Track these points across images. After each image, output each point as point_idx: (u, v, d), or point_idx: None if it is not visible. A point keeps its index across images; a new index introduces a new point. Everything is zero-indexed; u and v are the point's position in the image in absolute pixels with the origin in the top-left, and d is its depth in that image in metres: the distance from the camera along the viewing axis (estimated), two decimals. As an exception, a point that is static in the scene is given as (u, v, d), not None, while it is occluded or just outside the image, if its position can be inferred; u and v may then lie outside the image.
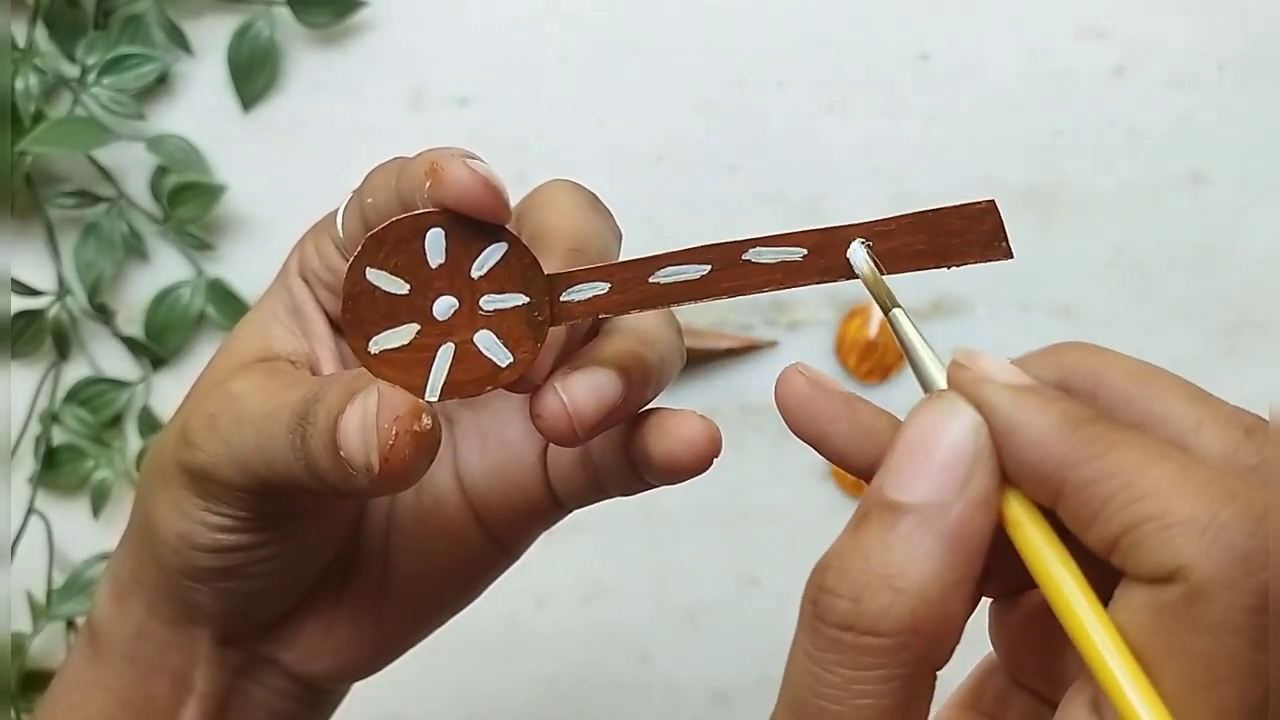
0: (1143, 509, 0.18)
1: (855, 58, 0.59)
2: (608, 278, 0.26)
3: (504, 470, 0.31)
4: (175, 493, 0.28)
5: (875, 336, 0.59)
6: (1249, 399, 0.63)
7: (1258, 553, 0.18)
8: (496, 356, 0.25)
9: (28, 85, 0.57)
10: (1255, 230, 0.59)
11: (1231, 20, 0.58)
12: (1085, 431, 0.19)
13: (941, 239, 0.25)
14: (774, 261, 0.25)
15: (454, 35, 0.60)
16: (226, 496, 0.27)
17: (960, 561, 0.20)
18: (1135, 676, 0.18)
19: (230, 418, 0.27)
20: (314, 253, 0.30)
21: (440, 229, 0.26)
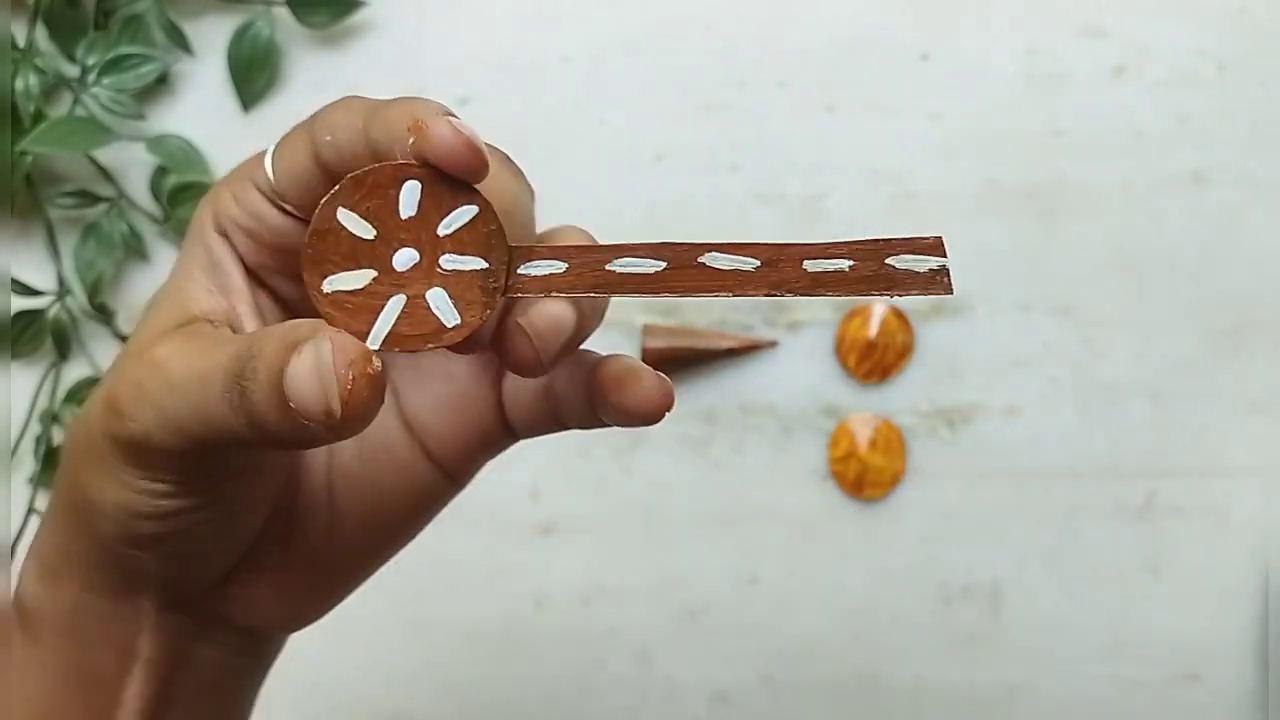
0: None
1: (855, 58, 0.59)
2: (566, 258, 0.26)
3: (454, 404, 0.32)
4: (108, 464, 0.28)
5: (875, 336, 0.59)
6: (1249, 399, 0.63)
7: None
8: (444, 316, 0.26)
9: (28, 85, 0.57)
10: (1255, 230, 0.59)
11: (1231, 20, 0.58)
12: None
13: (888, 268, 0.26)
14: (728, 268, 0.26)
15: (454, 35, 0.60)
16: (163, 463, 0.27)
17: None
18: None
19: (159, 384, 0.27)
20: (231, 201, 0.30)
21: (418, 182, 0.26)
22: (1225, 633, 0.59)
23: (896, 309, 0.59)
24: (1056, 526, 0.60)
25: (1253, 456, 0.59)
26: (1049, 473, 0.59)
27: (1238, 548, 0.59)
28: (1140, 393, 0.59)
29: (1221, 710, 0.60)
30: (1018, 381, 0.60)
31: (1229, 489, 0.59)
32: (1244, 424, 0.59)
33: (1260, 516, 0.59)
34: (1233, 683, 0.60)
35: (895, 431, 0.59)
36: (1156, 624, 0.60)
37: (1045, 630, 0.60)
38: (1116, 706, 0.60)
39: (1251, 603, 0.59)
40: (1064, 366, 0.59)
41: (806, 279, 0.26)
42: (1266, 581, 0.59)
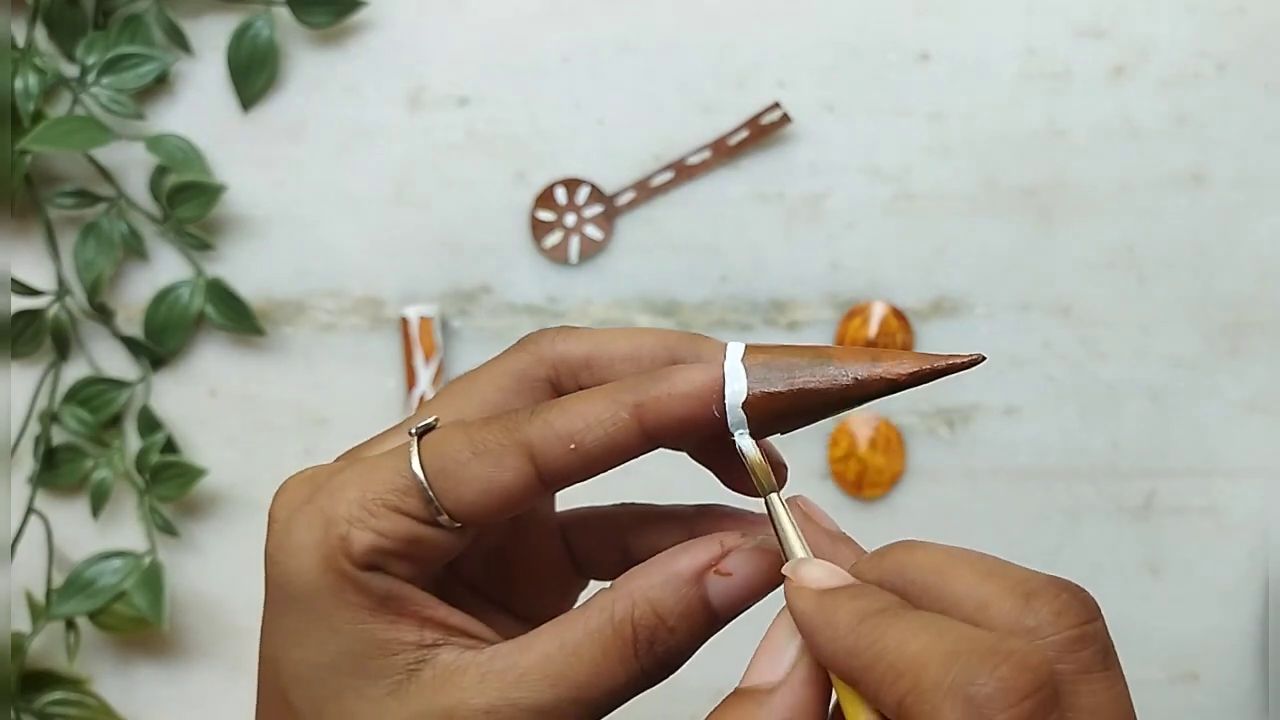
0: (903, 685, 0.21)
1: (855, 58, 0.59)
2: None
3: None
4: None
5: (875, 336, 0.59)
6: (1249, 399, 0.63)
7: (994, 698, 0.20)
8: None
9: (28, 85, 0.57)
10: (1255, 230, 0.59)
11: (1231, 20, 0.58)
12: (866, 624, 0.23)
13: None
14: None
15: (454, 35, 0.60)
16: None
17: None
18: None
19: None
20: (375, 535, 0.28)
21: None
22: (1225, 633, 0.59)
23: (896, 309, 0.59)
24: (1056, 526, 0.60)
25: (1253, 456, 0.59)
26: (1049, 473, 0.59)
27: (1238, 548, 0.59)
28: (1140, 393, 0.59)
29: (1221, 710, 0.59)
30: (1017, 381, 0.60)
31: (1229, 489, 0.59)
32: (1244, 424, 0.59)
33: (1260, 516, 0.59)
34: (1233, 683, 0.60)
35: (895, 431, 0.59)
36: (1156, 624, 0.60)
37: (1045, 630, 0.59)
38: (1116, 706, 0.60)
39: (1251, 603, 0.59)
40: (1064, 366, 0.59)
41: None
42: (1266, 581, 0.59)
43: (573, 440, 0.26)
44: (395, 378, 0.60)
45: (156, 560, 0.59)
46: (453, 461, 0.26)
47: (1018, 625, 0.23)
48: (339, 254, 0.61)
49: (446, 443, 0.27)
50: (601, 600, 0.27)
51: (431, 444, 0.27)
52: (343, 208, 0.61)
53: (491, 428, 0.26)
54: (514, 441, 0.26)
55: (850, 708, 0.24)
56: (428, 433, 0.27)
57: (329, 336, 0.61)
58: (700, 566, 0.27)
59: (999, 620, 0.23)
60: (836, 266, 0.59)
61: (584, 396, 0.27)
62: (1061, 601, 0.23)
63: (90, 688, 0.60)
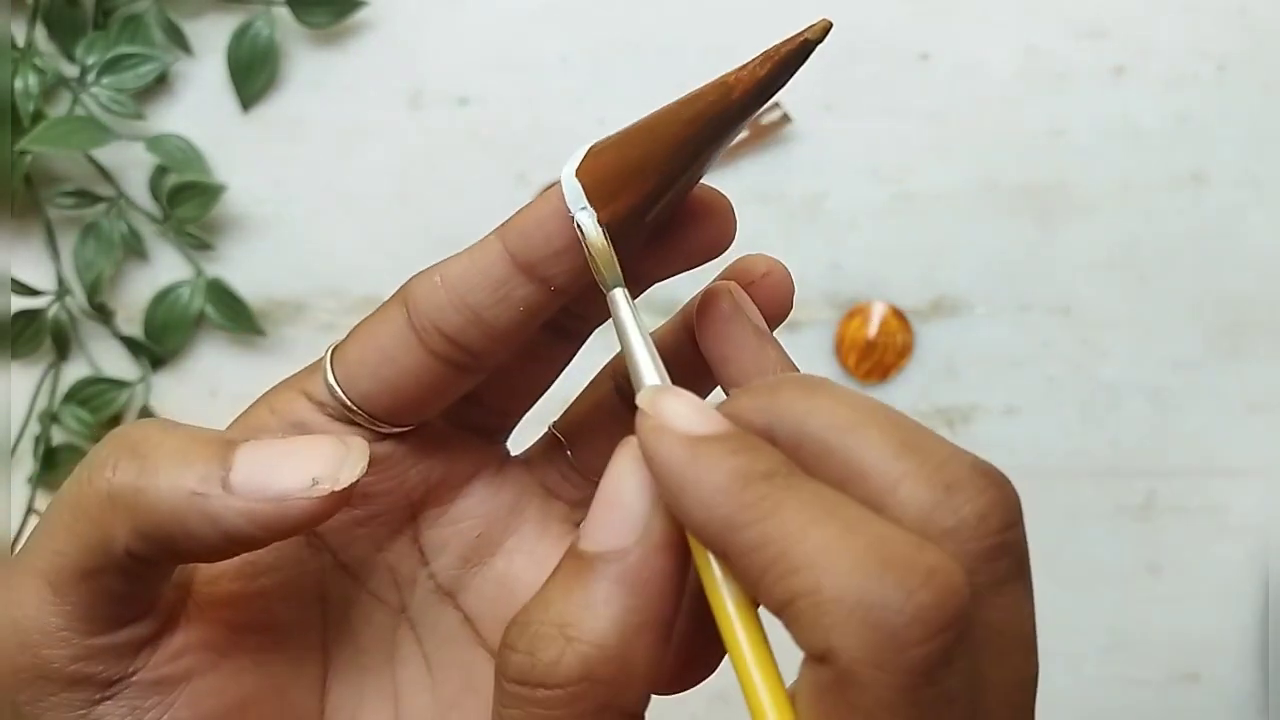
0: (798, 582, 0.17)
1: (855, 58, 0.59)
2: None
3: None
4: None
5: (875, 336, 0.59)
6: (1249, 399, 0.63)
7: (908, 628, 0.17)
8: None
9: (27, 85, 0.57)
10: (1255, 230, 0.59)
11: (1231, 20, 0.58)
12: (752, 490, 0.18)
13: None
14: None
15: (454, 35, 0.60)
16: None
17: (641, 605, 0.19)
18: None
19: None
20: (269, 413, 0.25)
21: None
22: (1225, 633, 0.59)
23: (896, 309, 0.59)
24: (1056, 526, 0.60)
25: (1253, 456, 0.59)
26: (1049, 473, 0.59)
27: (1238, 548, 0.59)
28: (1140, 393, 0.59)
29: (1221, 710, 0.59)
30: (1017, 381, 0.60)
31: (1229, 489, 0.59)
32: (1244, 424, 0.59)
33: (1260, 516, 0.59)
34: (1233, 683, 0.60)
35: (895, 431, 0.59)
36: (1156, 624, 0.60)
37: (1045, 630, 0.59)
38: (1116, 706, 0.60)
39: (1251, 603, 0.59)
40: (1063, 366, 0.59)
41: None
42: (1266, 581, 0.59)
43: (438, 274, 0.24)
44: (395, 378, 0.60)
45: (156, 560, 0.59)
46: (350, 352, 0.24)
47: (932, 523, 0.18)
48: (339, 254, 0.61)
49: (346, 344, 0.25)
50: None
51: (338, 351, 0.25)
52: (343, 208, 0.61)
53: (381, 307, 0.25)
54: (395, 299, 0.24)
55: (713, 590, 0.19)
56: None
57: (329, 336, 0.61)
58: None
59: (911, 510, 0.18)
60: (836, 266, 0.59)
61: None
62: (986, 500, 0.19)
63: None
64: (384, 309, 0.24)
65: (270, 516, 0.21)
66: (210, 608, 0.24)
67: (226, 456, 0.21)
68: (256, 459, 0.21)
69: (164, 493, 0.21)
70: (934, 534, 0.18)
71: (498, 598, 0.27)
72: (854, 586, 0.17)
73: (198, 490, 0.21)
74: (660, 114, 0.23)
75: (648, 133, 0.23)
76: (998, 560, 0.19)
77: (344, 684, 0.26)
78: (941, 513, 0.19)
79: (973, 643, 0.18)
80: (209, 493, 0.21)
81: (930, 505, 0.19)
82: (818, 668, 0.18)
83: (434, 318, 0.23)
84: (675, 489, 0.19)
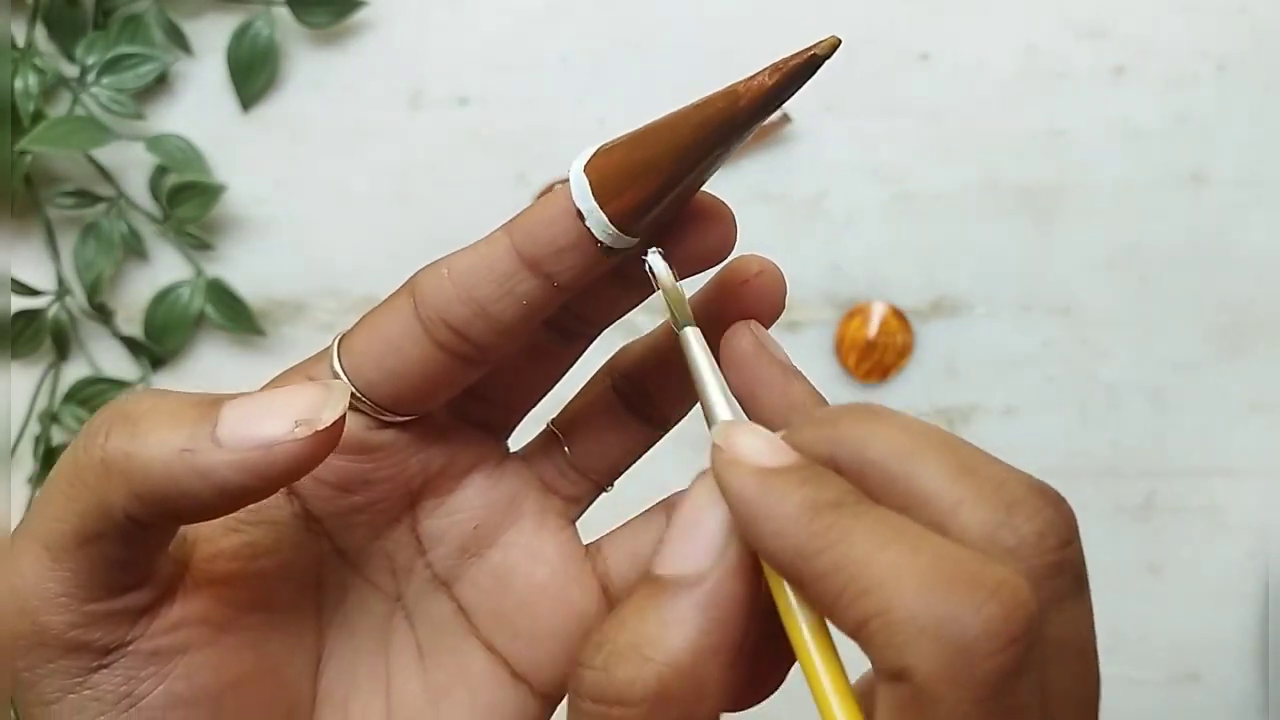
0: (868, 605, 0.18)
1: (855, 58, 0.59)
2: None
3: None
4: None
5: (875, 336, 0.59)
6: (1249, 399, 0.63)
7: (978, 642, 0.17)
8: None
9: (27, 85, 0.57)
10: (1255, 230, 0.59)
11: (1231, 20, 0.58)
12: (822, 519, 0.19)
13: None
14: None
15: (454, 35, 0.60)
16: None
17: (715, 629, 0.20)
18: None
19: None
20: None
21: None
22: (1225, 633, 0.59)
23: (896, 309, 0.59)
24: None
25: (1253, 456, 0.59)
26: (1048, 473, 0.59)
27: (1238, 548, 0.59)
28: (1140, 393, 0.59)
29: (1221, 710, 0.59)
30: (1017, 381, 0.60)
31: (1229, 489, 0.59)
32: (1244, 424, 0.59)
33: (1260, 516, 0.59)
34: (1233, 683, 0.60)
35: (895, 431, 0.59)
36: (1156, 624, 0.60)
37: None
38: (1116, 706, 0.60)
39: (1251, 603, 0.59)
40: (1063, 366, 0.59)
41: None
42: (1266, 581, 0.59)
43: (445, 266, 0.24)
44: (395, 378, 0.60)
45: (156, 560, 0.59)
46: (357, 342, 0.25)
47: (994, 542, 0.19)
48: (339, 254, 0.61)
49: (353, 334, 0.26)
50: None
51: (344, 341, 0.26)
52: (343, 208, 0.61)
53: (388, 298, 0.25)
54: (403, 291, 0.25)
55: (789, 614, 0.20)
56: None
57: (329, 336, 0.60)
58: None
59: (973, 531, 0.19)
60: (836, 266, 0.59)
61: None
62: (1044, 519, 0.20)
63: (90, 688, 0.60)
64: (391, 300, 0.25)
65: (259, 464, 0.21)
66: (209, 585, 0.25)
67: (212, 414, 0.22)
68: (241, 411, 0.22)
69: (155, 453, 0.21)
70: (997, 553, 0.19)
71: (492, 589, 0.27)
72: (923, 604, 0.18)
73: (186, 447, 0.21)
74: (669, 118, 0.24)
75: (655, 135, 0.23)
76: (1059, 576, 0.19)
77: (337, 667, 0.27)
78: (1003, 532, 0.19)
79: (1041, 656, 0.19)
80: (197, 448, 0.21)
81: (992, 525, 0.19)
82: (894, 686, 0.18)
83: (440, 310, 0.24)
84: (749, 519, 0.20)
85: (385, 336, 0.25)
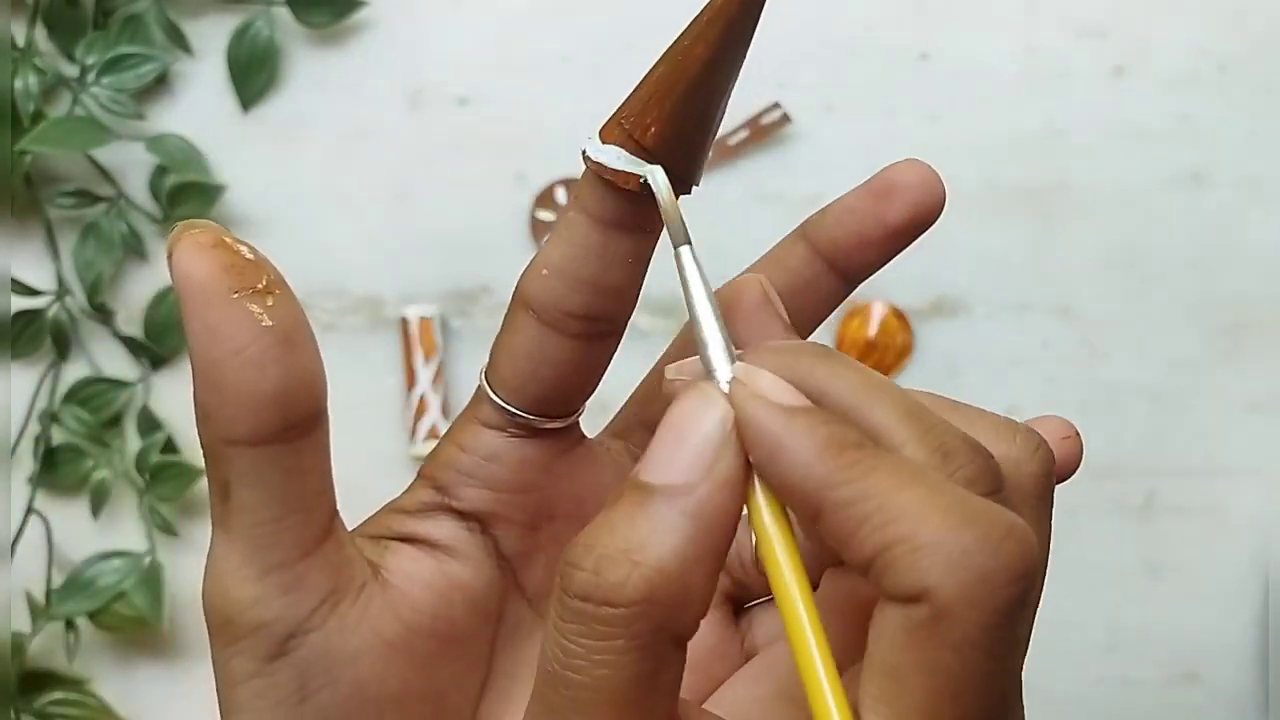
0: (894, 531, 0.20)
1: (855, 58, 0.59)
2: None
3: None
4: None
5: (875, 336, 0.59)
6: (1249, 399, 0.63)
7: (997, 572, 0.19)
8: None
9: (27, 85, 0.57)
10: (1255, 230, 0.59)
11: (1231, 20, 0.58)
12: (847, 455, 0.20)
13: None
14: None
15: (454, 35, 0.60)
16: None
17: (702, 538, 0.21)
18: (828, 666, 0.20)
19: None
20: (457, 451, 0.27)
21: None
22: (1225, 633, 0.59)
23: (896, 309, 0.59)
24: (1056, 526, 0.60)
25: (1253, 456, 0.59)
26: (1049, 473, 0.59)
27: (1238, 548, 0.59)
28: (1140, 393, 0.59)
29: (1221, 710, 0.59)
30: (1017, 381, 0.60)
31: (1229, 489, 0.59)
32: (1244, 424, 0.59)
33: (1260, 516, 0.59)
34: (1233, 683, 0.60)
35: (895, 431, 0.59)
36: (1156, 624, 0.60)
37: (1045, 630, 0.59)
38: (1116, 706, 0.60)
39: (1251, 603, 0.59)
40: (1064, 366, 0.59)
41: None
42: (1266, 581, 0.59)
43: (543, 268, 0.25)
44: (395, 377, 0.60)
45: (156, 560, 0.59)
46: (503, 371, 0.26)
47: None
48: (339, 254, 0.61)
49: (494, 367, 0.26)
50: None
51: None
52: (343, 208, 0.61)
53: (505, 320, 0.26)
54: (515, 307, 0.26)
55: (765, 539, 0.21)
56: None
57: (329, 336, 0.61)
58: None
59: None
60: (836, 266, 0.59)
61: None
62: (975, 468, 0.21)
63: (90, 688, 0.60)
64: (509, 320, 0.26)
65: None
66: (396, 602, 0.25)
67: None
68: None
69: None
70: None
71: None
72: (951, 533, 0.19)
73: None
74: (667, 54, 0.26)
75: (660, 61, 0.25)
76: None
77: (499, 693, 0.27)
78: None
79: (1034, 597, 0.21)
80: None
81: (930, 468, 0.21)
82: (910, 608, 0.19)
83: (560, 306, 0.25)
84: (772, 448, 0.21)
85: (525, 354, 0.25)
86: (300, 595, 0.24)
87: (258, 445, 0.23)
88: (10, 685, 0.58)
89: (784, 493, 0.21)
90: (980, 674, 0.20)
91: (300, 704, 0.24)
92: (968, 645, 0.19)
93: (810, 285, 0.30)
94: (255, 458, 0.23)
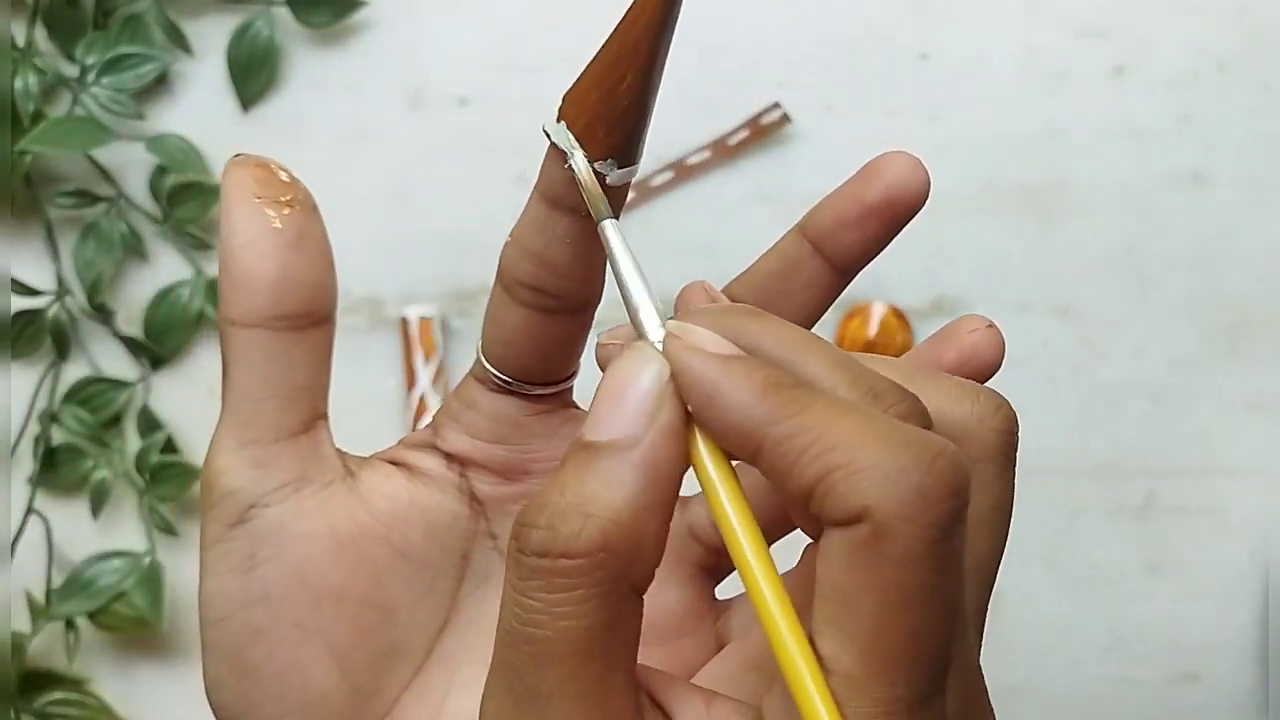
0: (833, 458, 0.20)
1: (855, 58, 0.59)
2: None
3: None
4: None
5: (874, 336, 0.59)
6: (1249, 399, 0.63)
7: (932, 488, 0.20)
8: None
9: (27, 85, 0.57)
10: (1255, 230, 0.59)
11: (1231, 20, 0.58)
12: (784, 394, 0.21)
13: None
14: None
15: (454, 35, 0.60)
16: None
17: (651, 486, 0.22)
18: (781, 601, 0.21)
19: None
20: (454, 399, 0.30)
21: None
22: (1225, 633, 0.59)
23: (896, 309, 0.59)
24: (1056, 526, 0.60)
25: (1253, 456, 0.59)
26: (1049, 472, 0.59)
27: (1238, 548, 0.59)
28: (1140, 393, 0.59)
29: (1221, 710, 0.60)
30: (1018, 381, 0.60)
31: (1229, 489, 0.59)
32: (1244, 424, 0.59)
33: (1260, 516, 0.59)
34: (1233, 683, 0.60)
35: (895, 431, 0.59)
36: (1156, 624, 0.60)
37: (1045, 630, 0.59)
38: (1116, 706, 0.60)
39: (1251, 603, 0.59)
40: (1064, 366, 0.59)
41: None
42: (1266, 581, 0.59)
43: (510, 234, 0.27)
44: (395, 378, 0.60)
45: (156, 560, 0.59)
46: (485, 335, 0.28)
47: None
48: (339, 254, 0.60)
49: (483, 328, 0.29)
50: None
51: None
52: (343, 208, 0.61)
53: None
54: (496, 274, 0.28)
55: (708, 482, 0.22)
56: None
57: (329, 336, 0.61)
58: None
59: None
60: (836, 266, 0.59)
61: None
62: (906, 406, 0.22)
63: (90, 688, 0.60)
64: (493, 288, 0.28)
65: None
66: (357, 505, 0.27)
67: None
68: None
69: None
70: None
71: None
72: (887, 454, 0.20)
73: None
74: (609, 45, 0.29)
75: (615, 45, 0.28)
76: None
77: (463, 637, 0.28)
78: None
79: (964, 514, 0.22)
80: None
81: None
82: (851, 529, 0.20)
83: (514, 274, 0.27)
84: (709, 394, 0.22)
85: (496, 318, 0.28)
86: (268, 472, 0.26)
87: (249, 328, 0.26)
88: (10, 685, 0.58)
89: (723, 436, 0.22)
90: (925, 587, 0.20)
91: (248, 572, 0.26)
92: (910, 559, 0.20)
93: (796, 266, 0.31)
94: (246, 339, 0.26)
